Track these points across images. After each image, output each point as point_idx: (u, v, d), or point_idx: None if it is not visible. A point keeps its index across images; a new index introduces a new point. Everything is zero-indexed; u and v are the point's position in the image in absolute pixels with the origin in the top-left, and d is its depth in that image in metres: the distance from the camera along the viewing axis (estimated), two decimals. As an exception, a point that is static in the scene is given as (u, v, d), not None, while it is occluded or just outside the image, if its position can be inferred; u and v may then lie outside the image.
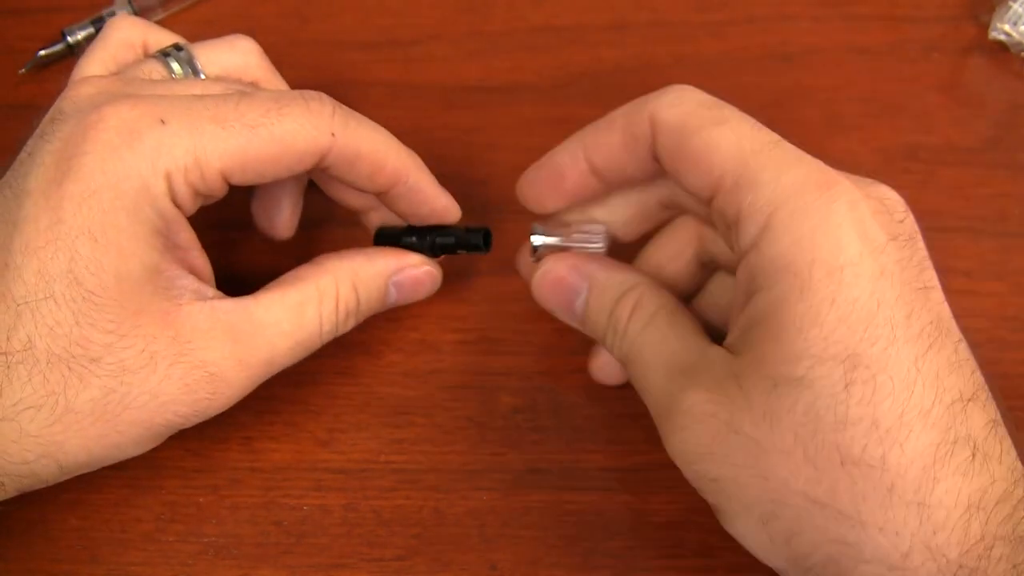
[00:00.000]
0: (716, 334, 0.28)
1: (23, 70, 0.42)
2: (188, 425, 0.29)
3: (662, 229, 0.31)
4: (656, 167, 0.28)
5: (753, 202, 0.25)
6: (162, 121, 0.27)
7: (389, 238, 0.33)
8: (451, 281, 0.35)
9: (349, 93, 0.31)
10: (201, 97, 0.29)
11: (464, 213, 0.35)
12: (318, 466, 0.32)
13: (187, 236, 0.29)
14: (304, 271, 0.31)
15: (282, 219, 0.34)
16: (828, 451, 0.23)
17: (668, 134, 0.27)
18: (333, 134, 0.29)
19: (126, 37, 0.33)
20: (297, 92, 0.30)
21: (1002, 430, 0.24)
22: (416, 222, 0.33)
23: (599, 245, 0.30)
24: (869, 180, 0.26)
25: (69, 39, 0.42)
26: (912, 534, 0.22)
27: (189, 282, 0.29)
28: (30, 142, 0.29)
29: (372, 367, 0.34)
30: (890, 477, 0.22)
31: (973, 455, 0.23)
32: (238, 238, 0.36)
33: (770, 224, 0.24)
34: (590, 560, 0.30)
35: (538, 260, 0.31)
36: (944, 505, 0.22)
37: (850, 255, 0.23)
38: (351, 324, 0.32)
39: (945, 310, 0.24)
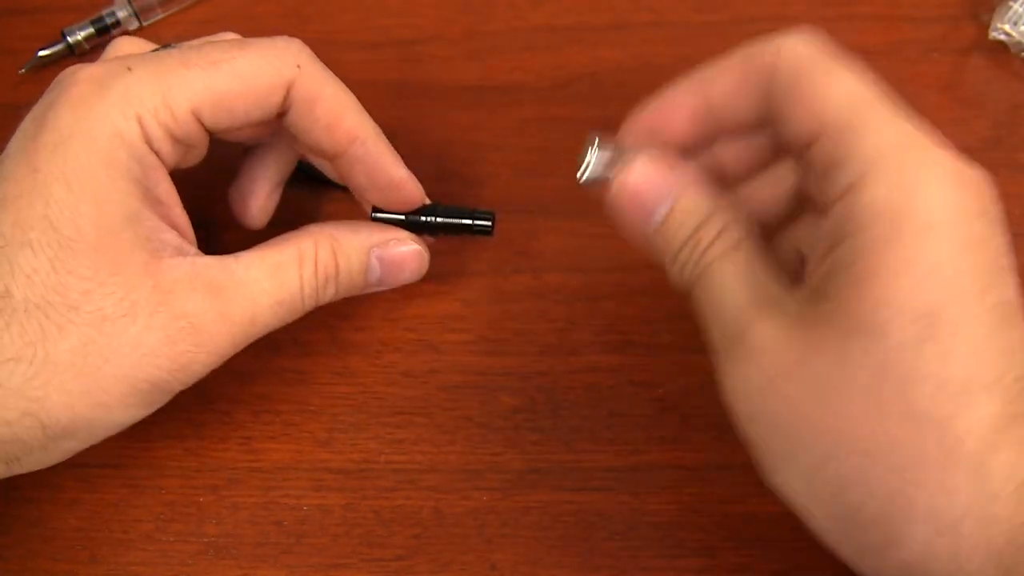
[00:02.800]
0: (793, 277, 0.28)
1: (23, 70, 0.42)
2: (174, 384, 0.28)
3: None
4: (765, 112, 0.28)
5: (859, 146, 0.25)
6: (129, 69, 0.28)
7: (386, 218, 0.33)
8: (451, 281, 0.35)
9: (349, 93, 0.31)
10: (169, 50, 0.29)
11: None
12: (318, 466, 0.32)
13: (167, 189, 0.29)
14: (286, 235, 0.31)
15: (256, 203, 0.34)
16: (895, 402, 0.23)
17: (788, 71, 0.27)
18: (299, 67, 0.29)
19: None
20: (266, 37, 0.30)
21: None
22: (376, 197, 0.32)
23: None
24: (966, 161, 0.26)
25: (69, 39, 0.42)
26: (967, 499, 0.22)
27: (171, 237, 0.29)
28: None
29: (371, 367, 0.34)
30: (952, 438, 0.22)
31: None
32: (238, 238, 0.36)
33: (872, 170, 0.24)
34: (590, 560, 0.30)
35: (587, 183, 0.29)
36: (999, 476, 0.22)
37: (942, 218, 0.23)
38: (331, 292, 0.31)
39: (1018, 297, 0.24)
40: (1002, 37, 0.41)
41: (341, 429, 0.33)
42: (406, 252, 0.32)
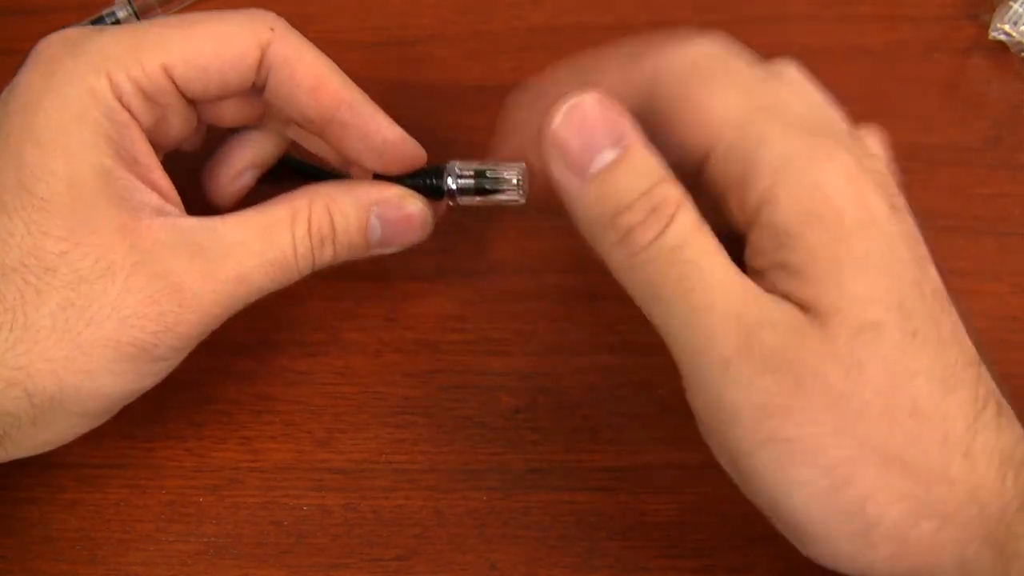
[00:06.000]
0: None
1: (23, 70, 0.42)
2: (162, 348, 0.27)
3: None
4: (642, 115, 0.25)
5: (758, 162, 0.24)
6: (101, 31, 0.28)
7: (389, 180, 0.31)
8: (451, 281, 0.35)
9: (349, 93, 0.31)
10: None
11: (463, 212, 0.35)
12: (318, 466, 0.32)
13: (144, 150, 0.29)
14: (278, 197, 0.30)
15: (224, 179, 0.33)
16: (901, 400, 0.22)
17: (671, 83, 0.25)
18: (272, 29, 0.29)
19: None
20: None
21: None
22: (375, 162, 0.31)
23: (515, 193, 0.30)
24: (862, 144, 0.26)
25: (69, 39, 0.42)
26: (963, 484, 0.22)
27: (150, 198, 0.28)
28: None
29: (371, 367, 0.34)
30: (945, 427, 0.22)
31: (999, 412, 0.23)
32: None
33: (787, 172, 0.23)
34: (590, 560, 0.30)
35: (454, 204, 0.31)
36: (983, 457, 0.22)
37: (860, 216, 0.23)
38: (328, 253, 0.30)
39: (941, 284, 0.25)
40: (1002, 37, 0.41)
41: (341, 429, 0.33)
42: (409, 210, 0.31)
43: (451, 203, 0.31)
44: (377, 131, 0.30)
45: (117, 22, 0.42)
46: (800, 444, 0.22)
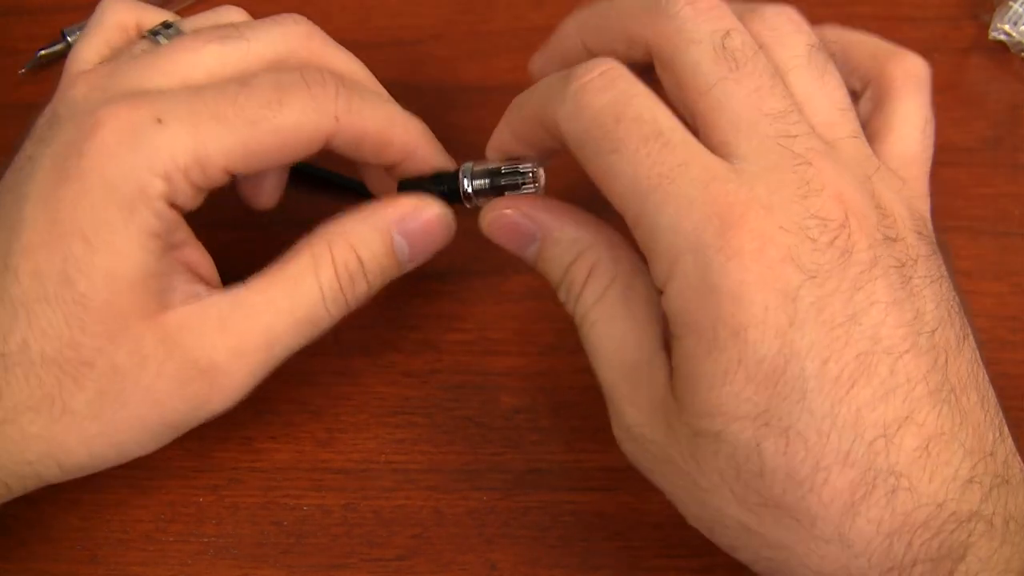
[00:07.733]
0: None
1: (23, 70, 0.42)
2: (193, 423, 0.28)
3: None
4: None
5: (655, 248, 0.24)
6: (159, 120, 0.27)
7: (413, 188, 0.31)
8: (451, 281, 0.35)
9: (349, 93, 0.31)
10: (199, 91, 0.28)
11: (463, 212, 0.35)
12: (318, 466, 0.32)
13: (183, 234, 0.29)
14: (299, 244, 0.30)
15: (267, 187, 0.33)
16: (751, 495, 0.23)
17: (572, 150, 0.26)
18: (337, 119, 0.29)
19: (119, 20, 0.32)
20: (297, 74, 0.29)
21: (938, 446, 0.23)
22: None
23: (531, 187, 0.29)
24: (807, 178, 0.23)
25: (69, 39, 0.42)
26: (835, 559, 0.23)
27: (183, 280, 0.28)
28: (28, 145, 0.29)
29: (372, 367, 0.34)
30: (810, 517, 0.23)
31: (895, 489, 0.22)
32: (238, 238, 0.36)
33: (673, 274, 0.24)
34: (590, 560, 0.30)
35: (472, 206, 0.30)
36: (864, 536, 0.23)
37: (754, 313, 0.22)
38: (362, 289, 0.30)
39: (884, 328, 0.23)
40: (1002, 37, 0.41)
41: (341, 429, 0.33)
42: (426, 216, 0.30)
43: (468, 206, 0.31)
44: (433, 166, 0.31)
45: (117, 22, 0.42)
46: (670, 495, 0.26)
